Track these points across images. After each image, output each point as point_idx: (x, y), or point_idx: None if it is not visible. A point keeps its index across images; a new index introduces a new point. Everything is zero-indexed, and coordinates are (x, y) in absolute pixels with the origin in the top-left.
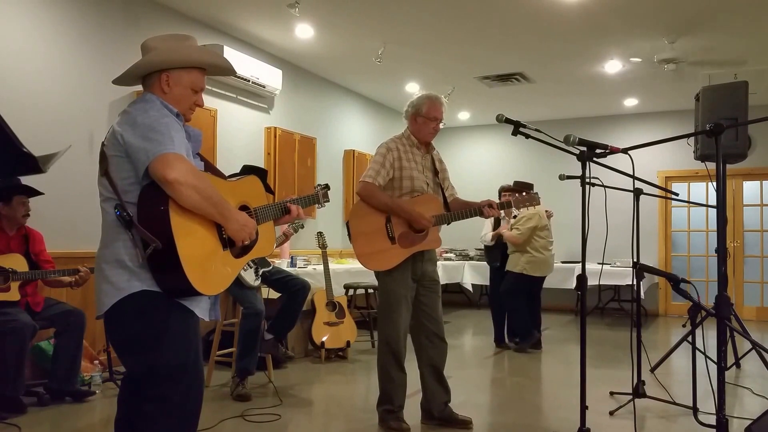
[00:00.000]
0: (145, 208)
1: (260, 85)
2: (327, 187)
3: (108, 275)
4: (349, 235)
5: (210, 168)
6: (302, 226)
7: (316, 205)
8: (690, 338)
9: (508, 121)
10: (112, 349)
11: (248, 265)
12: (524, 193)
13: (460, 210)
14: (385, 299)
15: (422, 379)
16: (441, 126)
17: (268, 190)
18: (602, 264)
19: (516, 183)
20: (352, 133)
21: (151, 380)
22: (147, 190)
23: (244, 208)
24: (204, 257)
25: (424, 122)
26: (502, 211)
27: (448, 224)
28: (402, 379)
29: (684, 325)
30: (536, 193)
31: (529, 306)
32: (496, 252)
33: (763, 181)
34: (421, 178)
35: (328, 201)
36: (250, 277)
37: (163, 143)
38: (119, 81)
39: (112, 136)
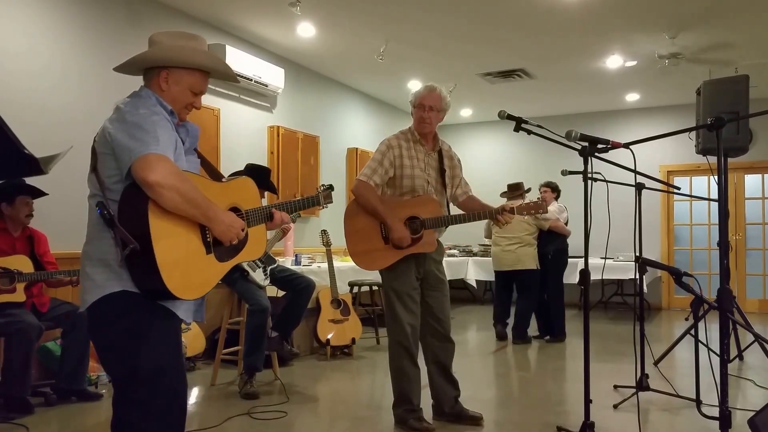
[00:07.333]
0: (125, 208)
1: (263, 84)
2: (330, 188)
3: (90, 272)
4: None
5: (206, 166)
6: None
7: (318, 207)
8: (693, 331)
9: (510, 117)
10: (94, 349)
11: (256, 264)
12: (529, 202)
13: (459, 214)
14: (389, 298)
15: (430, 377)
16: (438, 116)
17: (272, 189)
18: (605, 258)
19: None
20: (354, 131)
21: (131, 384)
22: (128, 190)
23: (234, 210)
24: (184, 260)
25: (415, 112)
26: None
27: (446, 227)
28: (417, 375)
29: (687, 319)
30: (540, 200)
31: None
32: None
33: (765, 175)
34: (422, 176)
35: (331, 202)
36: (259, 277)
37: (147, 143)
38: (121, 69)
39: (102, 132)
